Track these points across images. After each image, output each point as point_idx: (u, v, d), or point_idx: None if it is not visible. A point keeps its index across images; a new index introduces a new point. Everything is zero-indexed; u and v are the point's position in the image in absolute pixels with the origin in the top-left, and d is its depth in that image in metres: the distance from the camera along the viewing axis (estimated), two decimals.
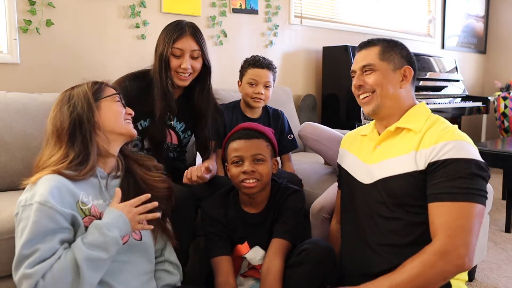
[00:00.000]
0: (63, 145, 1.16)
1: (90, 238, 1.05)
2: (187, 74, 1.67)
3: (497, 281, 2.06)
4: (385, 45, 1.30)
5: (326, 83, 3.32)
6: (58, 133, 1.17)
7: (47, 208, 1.02)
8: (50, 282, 0.99)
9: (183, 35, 1.65)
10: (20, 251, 1.01)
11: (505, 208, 2.75)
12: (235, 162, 1.39)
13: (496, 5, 5.18)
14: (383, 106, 1.28)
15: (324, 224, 1.64)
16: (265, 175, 1.39)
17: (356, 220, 1.30)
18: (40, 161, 1.17)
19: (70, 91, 1.23)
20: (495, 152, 2.78)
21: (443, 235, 1.07)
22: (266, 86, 1.94)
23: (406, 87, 1.29)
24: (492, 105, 4.55)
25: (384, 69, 1.28)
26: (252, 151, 1.38)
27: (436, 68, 4.01)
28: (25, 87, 2.07)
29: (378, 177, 1.24)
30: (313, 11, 3.45)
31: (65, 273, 1.01)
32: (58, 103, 1.21)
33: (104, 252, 1.05)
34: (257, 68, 1.93)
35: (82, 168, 1.14)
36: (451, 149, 1.12)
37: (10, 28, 2.05)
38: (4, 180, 1.76)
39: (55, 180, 1.07)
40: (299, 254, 1.29)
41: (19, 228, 1.04)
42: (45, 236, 1.02)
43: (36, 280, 0.99)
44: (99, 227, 1.07)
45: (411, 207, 1.18)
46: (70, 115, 1.17)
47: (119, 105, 1.26)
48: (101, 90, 1.24)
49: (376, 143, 1.31)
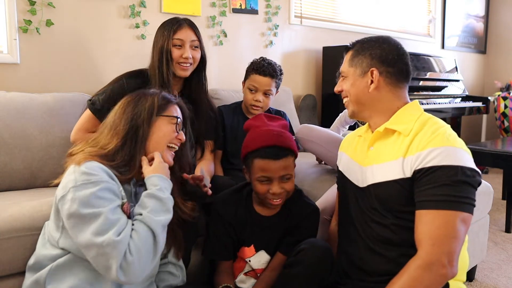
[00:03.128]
0: (114, 142, 1.18)
1: (151, 205, 1.12)
2: (188, 64, 1.72)
3: (497, 281, 2.06)
4: (358, 48, 1.29)
5: (326, 83, 3.32)
6: (115, 131, 1.20)
7: (109, 184, 1.08)
8: (136, 254, 1.04)
9: (182, 26, 1.72)
10: (106, 216, 1.03)
11: (505, 208, 2.75)
12: (262, 180, 1.33)
13: (496, 5, 5.18)
14: (358, 111, 1.30)
15: (325, 226, 1.64)
16: (291, 191, 1.36)
17: (351, 222, 1.30)
18: (87, 142, 1.20)
19: (140, 97, 1.26)
20: (495, 152, 2.78)
21: (426, 244, 1.06)
22: (266, 94, 1.92)
23: (382, 88, 1.25)
24: (492, 105, 4.55)
25: (351, 75, 1.28)
26: (281, 173, 1.31)
27: (436, 68, 4.01)
28: (25, 87, 2.08)
29: (370, 182, 1.24)
30: (313, 11, 3.45)
31: (146, 242, 1.07)
32: (126, 103, 1.25)
33: (168, 213, 1.14)
34: (259, 75, 1.89)
35: (124, 174, 1.17)
36: (436, 156, 1.10)
37: (10, 28, 2.05)
38: (4, 180, 1.76)
39: (102, 167, 1.10)
40: (296, 254, 1.29)
41: (88, 210, 1.03)
42: (118, 208, 1.08)
43: (124, 249, 1.02)
44: (154, 195, 1.14)
45: (400, 212, 1.17)
46: (131, 122, 1.20)
47: (172, 128, 1.26)
48: (166, 108, 1.26)
49: (369, 144, 1.30)
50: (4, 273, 1.30)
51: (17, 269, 1.29)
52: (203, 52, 1.79)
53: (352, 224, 1.30)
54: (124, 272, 1.01)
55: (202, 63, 1.80)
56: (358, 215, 1.27)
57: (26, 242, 1.29)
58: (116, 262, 1.00)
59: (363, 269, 1.24)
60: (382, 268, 1.19)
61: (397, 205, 1.17)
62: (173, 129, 1.26)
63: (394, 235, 1.18)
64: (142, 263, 1.05)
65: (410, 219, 1.14)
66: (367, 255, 1.23)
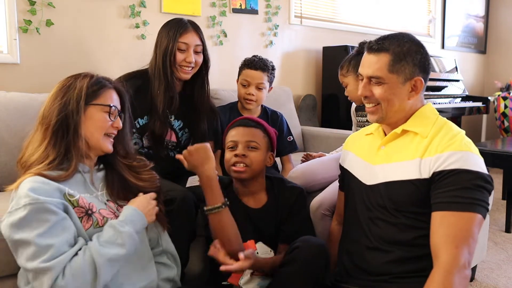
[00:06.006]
0: (45, 141, 1.15)
1: (105, 236, 1.09)
2: (190, 68, 1.73)
3: (497, 281, 2.06)
4: (397, 51, 1.19)
5: (326, 83, 3.32)
6: (45, 126, 1.16)
7: (40, 204, 1.02)
8: (70, 279, 1.01)
9: (188, 30, 1.71)
10: (35, 242, 1.00)
11: (505, 208, 2.75)
12: (230, 147, 1.43)
13: (496, 5, 5.18)
14: (388, 117, 1.24)
15: (324, 220, 1.65)
16: (255, 163, 1.40)
17: (355, 219, 1.30)
18: (23, 156, 1.17)
19: (70, 83, 1.18)
20: (495, 152, 2.78)
21: (450, 247, 1.06)
22: (259, 88, 1.94)
23: (416, 96, 1.23)
24: (492, 105, 4.55)
25: (392, 82, 1.20)
26: (247, 137, 1.41)
27: (436, 68, 4.01)
28: (25, 87, 2.07)
29: (381, 180, 1.24)
30: (313, 11, 3.45)
31: (84, 271, 1.03)
32: (55, 93, 1.18)
33: (120, 248, 1.08)
34: (250, 69, 1.94)
35: (63, 171, 1.13)
36: (458, 160, 1.11)
37: (10, 28, 2.05)
38: (4, 180, 1.76)
39: (37, 181, 1.07)
40: (291, 252, 1.29)
41: (18, 236, 1.02)
42: (53, 230, 1.02)
43: (57, 275, 1.00)
44: (113, 225, 1.11)
45: (411, 213, 1.18)
46: (59, 114, 1.14)
47: (105, 116, 1.20)
48: (96, 95, 1.19)
49: (381, 144, 1.29)
50: (4, 273, 1.30)
51: (16, 269, 1.28)
52: (206, 56, 1.79)
53: (357, 222, 1.30)
54: None
55: (205, 67, 1.81)
56: (364, 213, 1.27)
57: None
58: (47, 286, 0.99)
59: (365, 268, 1.24)
60: (384, 267, 1.20)
61: (409, 205, 1.18)
62: (106, 118, 1.20)
63: (400, 233, 1.18)
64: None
65: (419, 219, 1.16)
66: (369, 253, 1.23)
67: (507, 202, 2.71)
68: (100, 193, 1.22)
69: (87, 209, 1.13)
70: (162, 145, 1.76)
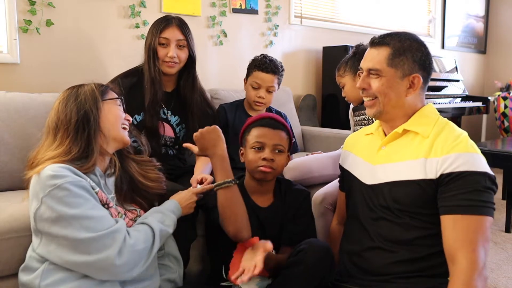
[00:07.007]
0: (67, 140, 1.18)
1: (156, 216, 1.22)
2: (173, 62, 1.75)
3: (497, 281, 2.06)
4: (398, 46, 1.21)
5: (326, 83, 3.32)
6: (64, 127, 1.19)
7: (79, 182, 1.09)
8: (137, 238, 1.12)
9: (169, 26, 1.74)
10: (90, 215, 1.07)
11: (505, 208, 2.75)
12: (256, 148, 1.40)
13: (496, 5, 5.18)
14: (385, 112, 1.25)
15: (326, 215, 1.65)
16: (280, 166, 1.42)
17: (357, 219, 1.30)
18: (38, 153, 1.18)
19: (77, 89, 1.25)
20: (495, 152, 2.78)
21: (467, 250, 1.06)
22: (269, 91, 1.95)
23: (414, 94, 1.23)
24: (492, 105, 4.55)
25: (390, 76, 1.21)
26: (275, 141, 1.40)
27: (436, 68, 4.01)
28: (25, 87, 2.07)
29: (383, 180, 1.24)
30: (313, 11, 3.45)
31: (147, 236, 1.15)
32: (64, 99, 1.23)
33: (168, 228, 1.23)
34: (262, 72, 1.92)
35: (84, 163, 1.17)
36: (466, 162, 1.11)
37: (10, 28, 2.05)
38: (4, 180, 1.76)
39: (63, 166, 1.10)
40: (296, 255, 1.29)
41: (72, 211, 1.05)
42: (98, 204, 1.12)
43: (124, 234, 1.09)
44: (160, 210, 1.26)
45: (414, 213, 1.18)
46: (78, 112, 1.19)
47: (120, 109, 1.29)
48: (105, 92, 1.28)
49: (381, 144, 1.29)
50: (4, 273, 1.30)
51: (16, 269, 1.28)
52: (191, 52, 1.80)
53: (358, 222, 1.30)
54: (121, 255, 1.06)
55: (191, 61, 1.82)
56: (365, 213, 1.27)
57: (25, 242, 1.28)
58: (120, 241, 1.07)
59: (366, 268, 1.24)
60: (386, 267, 1.20)
61: (413, 205, 1.18)
62: (120, 110, 1.30)
63: (403, 233, 1.18)
64: (138, 253, 1.11)
65: (423, 220, 1.16)
66: (371, 253, 1.24)
67: (507, 202, 2.71)
68: (111, 196, 1.25)
69: (104, 203, 1.17)
70: (159, 141, 1.77)
